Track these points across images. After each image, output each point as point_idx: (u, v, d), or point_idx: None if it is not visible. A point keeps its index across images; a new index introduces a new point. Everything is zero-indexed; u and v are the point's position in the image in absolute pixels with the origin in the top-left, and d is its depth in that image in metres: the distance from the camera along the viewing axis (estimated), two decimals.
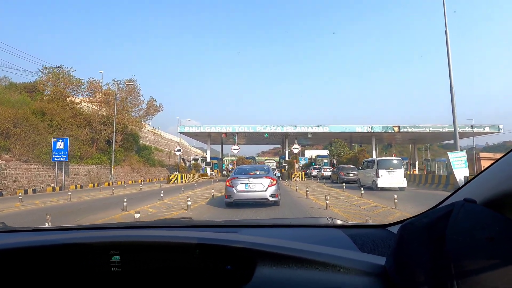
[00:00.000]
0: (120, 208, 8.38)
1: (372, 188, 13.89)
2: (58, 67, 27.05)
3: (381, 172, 13.84)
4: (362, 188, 11.22)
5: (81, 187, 21.94)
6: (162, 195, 11.62)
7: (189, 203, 8.28)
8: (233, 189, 8.26)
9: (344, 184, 14.83)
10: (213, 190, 11.81)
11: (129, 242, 0.92)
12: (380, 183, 13.74)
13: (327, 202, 8.00)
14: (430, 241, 0.57)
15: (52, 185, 19.94)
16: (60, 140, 20.15)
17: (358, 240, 1.11)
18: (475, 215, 0.56)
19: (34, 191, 17.55)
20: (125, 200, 8.38)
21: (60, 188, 19.56)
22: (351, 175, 19.95)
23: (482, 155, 43.28)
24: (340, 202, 9.62)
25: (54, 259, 0.92)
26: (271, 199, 8.11)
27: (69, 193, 11.69)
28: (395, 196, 8.11)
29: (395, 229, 1.19)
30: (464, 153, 12.88)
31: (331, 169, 27.34)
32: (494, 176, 0.70)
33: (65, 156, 20.05)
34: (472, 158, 41.21)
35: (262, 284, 0.78)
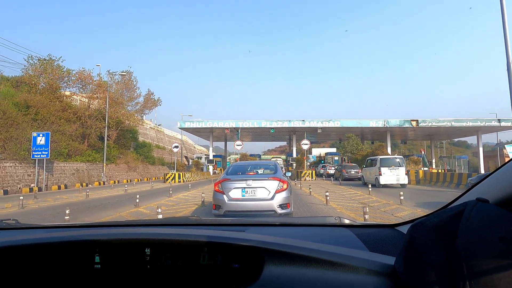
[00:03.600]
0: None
1: (375, 185, 14.34)
2: (48, 58, 24.78)
3: (383, 170, 14.60)
4: (401, 193, 8.56)
5: (66, 187, 19.71)
6: (138, 200, 9.14)
7: (160, 216, 5.78)
8: (224, 196, 5.67)
9: (369, 186, 12.33)
10: (203, 195, 9.29)
11: (138, 240, 0.92)
12: (383, 180, 14.51)
13: (366, 216, 5.38)
14: (442, 241, 0.56)
15: (32, 185, 17.75)
16: (41, 135, 17.90)
17: (367, 239, 1.08)
18: (488, 214, 0.55)
19: (5, 192, 15.33)
20: (67, 210, 5.91)
21: (40, 189, 17.34)
22: (353, 172, 21.14)
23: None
24: (378, 213, 7.01)
25: (68, 254, 0.93)
26: (280, 211, 5.48)
27: (21, 198, 9.24)
28: None
29: (404, 229, 1.16)
30: None
31: (335, 167, 27.15)
32: (508, 175, 0.67)
33: (46, 152, 17.80)
34: (496, 155, 37.74)
35: (270, 282, 0.76)
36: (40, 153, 17.73)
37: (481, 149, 35.17)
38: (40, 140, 17.79)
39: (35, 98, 21.89)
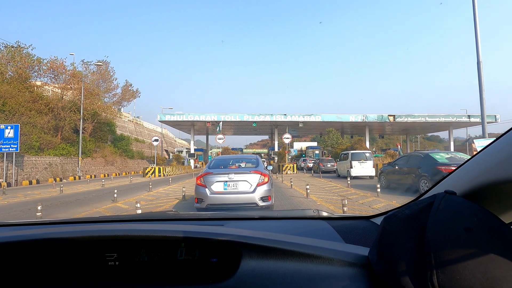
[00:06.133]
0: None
1: (347, 176, 14.80)
2: (16, 45, 23.17)
3: (354, 163, 16.22)
4: (378, 186, 8.87)
5: (38, 182, 18.78)
6: (115, 195, 8.87)
7: (139, 211, 5.63)
8: (206, 189, 5.63)
9: (348, 179, 12.57)
10: (184, 189, 9.16)
11: (115, 236, 0.89)
12: (353, 172, 16.07)
13: (345, 208, 5.54)
14: (412, 232, 0.58)
15: (0, 180, 16.74)
16: (9, 128, 16.92)
17: (343, 231, 1.10)
18: (455, 206, 0.58)
19: None
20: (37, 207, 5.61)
21: (9, 184, 16.43)
22: (329, 166, 22.89)
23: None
24: (356, 205, 7.21)
25: (42, 253, 0.90)
26: (261, 203, 5.56)
27: None
28: None
29: (378, 221, 1.17)
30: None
31: (314, 161, 28.26)
32: (474, 168, 0.70)
33: (16, 146, 16.86)
34: (466, 149, 39.92)
35: (248, 276, 0.76)
36: (9, 146, 16.78)
37: (452, 144, 37.06)
38: (9, 133, 16.82)
39: (2, 88, 20.48)
